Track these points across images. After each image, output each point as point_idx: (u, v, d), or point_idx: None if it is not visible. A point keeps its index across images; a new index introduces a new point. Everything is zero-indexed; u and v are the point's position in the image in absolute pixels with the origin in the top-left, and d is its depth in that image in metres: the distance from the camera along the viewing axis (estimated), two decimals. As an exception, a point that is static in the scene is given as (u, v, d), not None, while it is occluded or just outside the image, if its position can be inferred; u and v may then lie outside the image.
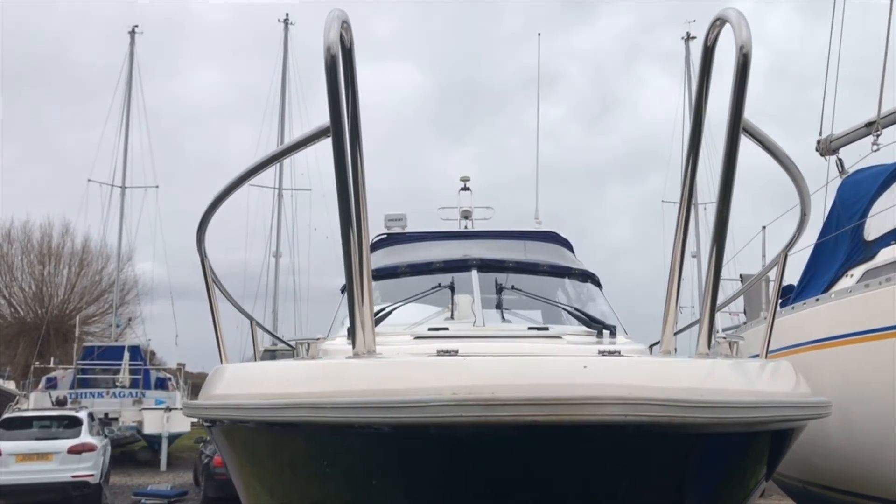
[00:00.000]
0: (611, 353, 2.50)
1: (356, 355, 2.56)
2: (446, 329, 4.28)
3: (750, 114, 2.46)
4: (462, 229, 8.55)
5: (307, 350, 2.83)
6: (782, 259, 3.76)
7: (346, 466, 2.47)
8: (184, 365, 25.58)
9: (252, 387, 2.73)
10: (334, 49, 2.27)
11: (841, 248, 7.05)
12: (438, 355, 2.53)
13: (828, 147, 9.24)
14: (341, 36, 2.32)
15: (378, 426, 2.28)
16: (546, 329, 4.36)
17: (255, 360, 6.11)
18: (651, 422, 2.15)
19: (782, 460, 2.96)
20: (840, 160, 9.22)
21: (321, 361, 2.67)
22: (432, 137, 68.12)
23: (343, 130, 2.37)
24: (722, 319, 10.78)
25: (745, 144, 2.57)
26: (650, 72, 62.98)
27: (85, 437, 12.84)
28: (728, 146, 2.40)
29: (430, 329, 4.31)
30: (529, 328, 4.41)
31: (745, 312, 9.17)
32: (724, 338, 2.84)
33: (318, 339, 2.87)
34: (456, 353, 2.58)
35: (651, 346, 7.38)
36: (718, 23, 2.44)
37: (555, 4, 69.00)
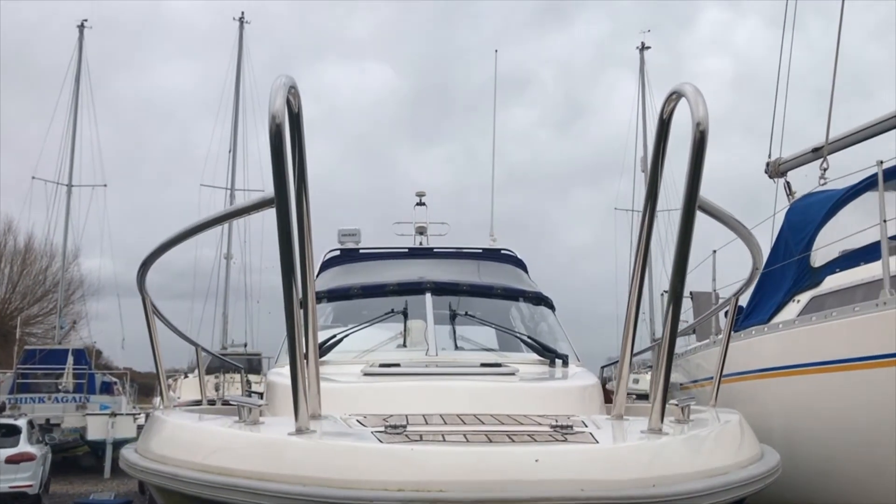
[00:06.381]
0: (563, 428, 2.46)
1: (298, 431, 2.47)
2: (397, 365, 4.23)
3: (717, 123, 2.38)
4: (417, 245, 8.51)
5: (249, 413, 2.72)
6: (733, 303, 3.84)
7: None
8: (130, 369, 25.07)
9: (189, 453, 2.62)
10: (279, 118, 2.13)
11: (788, 273, 7.13)
12: (386, 431, 2.46)
13: (777, 170, 9.37)
14: (288, 102, 2.21)
15: None
16: (499, 366, 4.33)
17: (200, 387, 6.02)
18: None
19: None
20: (788, 183, 9.35)
21: (262, 436, 2.56)
22: (404, 138, 68.00)
23: (289, 202, 2.25)
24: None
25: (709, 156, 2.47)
26: (620, 77, 63.75)
27: (24, 446, 12.62)
28: (683, 222, 2.35)
29: (381, 365, 4.25)
30: (482, 364, 4.38)
31: (694, 332, 9.26)
32: (676, 403, 2.85)
33: (259, 405, 2.77)
34: (405, 428, 2.50)
35: (602, 368, 7.43)
36: (674, 96, 2.36)
37: (532, 5, 69.25)
